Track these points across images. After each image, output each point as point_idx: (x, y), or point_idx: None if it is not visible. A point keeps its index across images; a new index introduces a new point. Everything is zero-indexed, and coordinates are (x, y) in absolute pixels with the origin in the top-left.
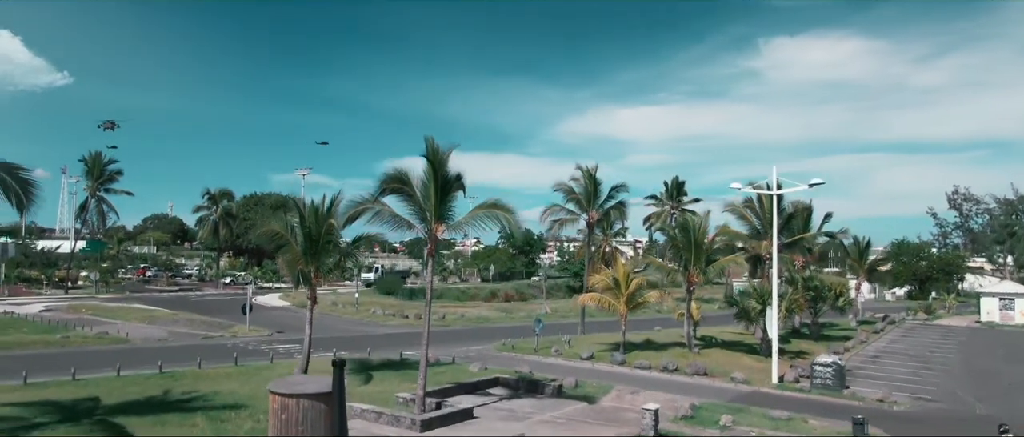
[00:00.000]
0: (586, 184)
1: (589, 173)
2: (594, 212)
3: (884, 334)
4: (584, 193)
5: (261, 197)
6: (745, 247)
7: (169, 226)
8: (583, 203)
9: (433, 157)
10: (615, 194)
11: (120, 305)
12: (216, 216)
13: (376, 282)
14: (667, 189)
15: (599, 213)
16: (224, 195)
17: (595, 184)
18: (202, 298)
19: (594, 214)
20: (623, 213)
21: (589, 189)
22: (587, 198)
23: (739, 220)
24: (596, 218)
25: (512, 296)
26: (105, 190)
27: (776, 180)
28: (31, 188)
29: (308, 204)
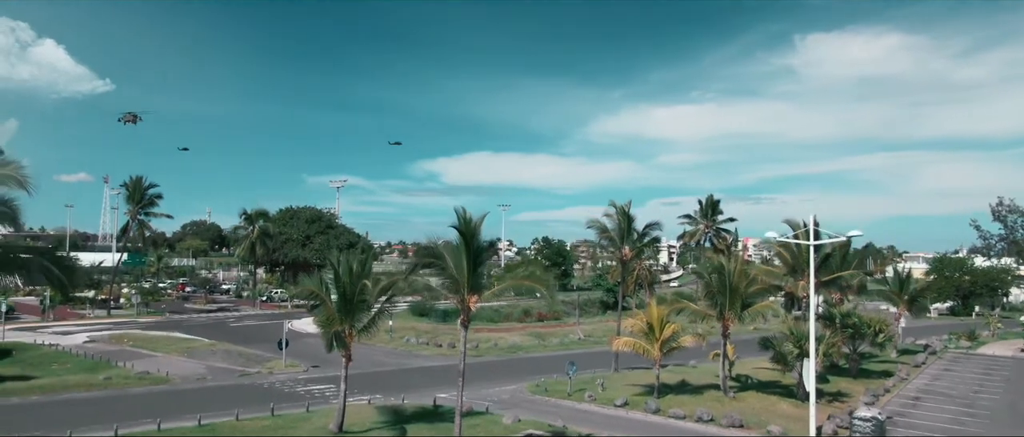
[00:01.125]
0: (619, 221)
1: (623, 211)
2: (627, 249)
3: (925, 367)
4: (617, 230)
5: (296, 211)
6: (780, 285)
7: (207, 233)
8: (616, 240)
9: (465, 228)
10: (649, 231)
11: (160, 334)
12: (253, 236)
13: None
14: (701, 207)
15: (633, 251)
16: (260, 215)
17: (629, 221)
18: (239, 323)
19: (627, 251)
20: (657, 250)
21: (622, 226)
22: (620, 235)
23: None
24: (630, 255)
25: (545, 315)
26: (145, 214)
27: (813, 225)
28: (74, 273)
29: (342, 262)
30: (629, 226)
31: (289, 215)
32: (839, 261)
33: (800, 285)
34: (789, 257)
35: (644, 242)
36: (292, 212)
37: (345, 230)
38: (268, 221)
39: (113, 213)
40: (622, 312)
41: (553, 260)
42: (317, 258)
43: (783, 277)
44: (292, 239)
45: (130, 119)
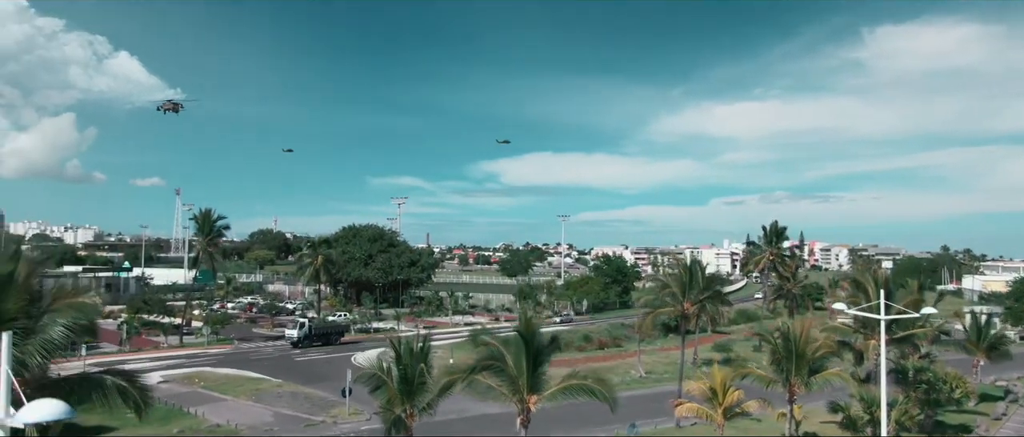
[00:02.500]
0: (681, 275)
1: (685, 265)
2: (689, 303)
3: (1006, 420)
4: (679, 283)
5: (359, 229)
6: (849, 342)
7: (274, 241)
8: (678, 295)
9: (526, 330)
10: (712, 284)
11: (229, 373)
12: (317, 264)
13: (303, 339)
14: (766, 234)
15: (696, 306)
16: (323, 242)
17: (692, 275)
18: (304, 356)
19: (689, 305)
20: (720, 302)
21: (684, 280)
22: (682, 288)
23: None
24: (691, 308)
25: (606, 343)
26: (213, 244)
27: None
28: (148, 394)
29: (403, 343)
30: (691, 280)
31: (352, 234)
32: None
33: (870, 345)
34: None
35: (706, 295)
36: (354, 230)
37: (406, 248)
38: (331, 247)
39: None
40: (682, 379)
41: (613, 277)
42: (379, 277)
43: (852, 334)
44: (355, 258)
45: (170, 107)
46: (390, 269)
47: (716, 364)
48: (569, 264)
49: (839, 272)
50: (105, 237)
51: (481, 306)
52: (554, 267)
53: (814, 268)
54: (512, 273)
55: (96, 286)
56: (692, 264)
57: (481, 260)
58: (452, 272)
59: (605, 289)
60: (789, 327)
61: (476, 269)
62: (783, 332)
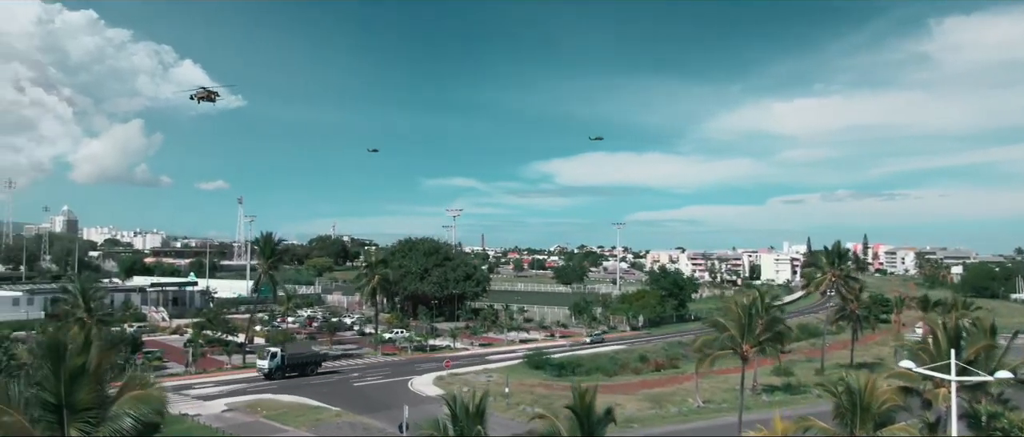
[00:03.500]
0: (740, 316)
1: (744, 306)
2: (748, 346)
3: None
4: (738, 325)
5: (415, 243)
6: (917, 390)
7: (332, 248)
8: (737, 337)
9: (580, 405)
10: (773, 326)
11: (290, 400)
12: (374, 283)
13: (274, 370)
14: (828, 254)
15: (754, 347)
16: (380, 261)
17: (750, 317)
18: (362, 381)
19: (748, 348)
20: (781, 344)
21: (743, 322)
22: (741, 331)
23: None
24: (751, 351)
25: (662, 364)
26: (274, 267)
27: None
28: None
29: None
30: (751, 322)
31: (408, 247)
32: (984, 365)
33: (941, 394)
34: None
35: (767, 337)
36: (410, 244)
37: (462, 262)
38: (387, 265)
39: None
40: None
41: (669, 290)
42: (435, 291)
43: (921, 381)
44: (411, 272)
45: (204, 95)
46: (445, 283)
47: (777, 417)
48: (624, 269)
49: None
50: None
51: (536, 321)
52: (609, 273)
53: (879, 272)
54: (567, 280)
55: (164, 301)
56: (751, 305)
57: (536, 265)
58: (507, 278)
59: (661, 302)
60: (853, 382)
61: (531, 275)
62: (847, 386)
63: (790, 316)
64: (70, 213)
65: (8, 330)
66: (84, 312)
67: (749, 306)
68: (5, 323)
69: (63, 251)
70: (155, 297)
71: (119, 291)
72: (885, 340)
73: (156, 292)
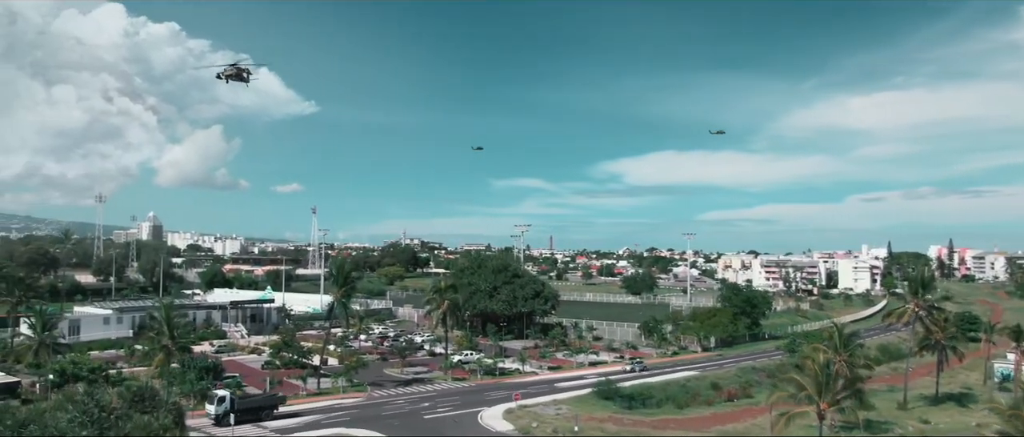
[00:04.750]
0: (817, 374)
1: (820, 364)
2: (826, 404)
3: None
4: (814, 383)
5: (484, 259)
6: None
7: (402, 255)
8: (814, 396)
9: None
10: (853, 384)
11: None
12: (444, 308)
13: (223, 416)
14: (911, 284)
15: (831, 405)
16: (450, 287)
17: (828, 376)
18: (433, 414)
19: (826, 406)
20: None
21: (820, 379)
22: (819, 389)
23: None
24: (829, 410)
25: (735, 393)
26: (347, 295)
27: None
28: None
29: None
30: (828, 381)
31: (477, 264)
32: None
33: None
34: None
35: (845, 395)
36: (480, 260)
37: (530, 279)
38: (457, 290)
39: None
40: None
41: (742, 308)
42: (504, 309)
43: None
44: (480, 290)
45: (232, 73)
46: (514, 301)
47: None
48: (694, 277)
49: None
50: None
51: (605, 340)
52: (680, 280)
53: (965, 278)
54: (636, 290)
55: (242, 318)
56: (829, 363)
57: (605, 271)
58: (575, 287)
59: (733, 321)
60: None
61: (599, 283)
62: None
63: (870, 333)
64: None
65: (99, 348)
66: (168, 339)
67: (826, 364)
68: (96, 341)
69: (150, 263)
70: (235, 315)
71: (201, 308)
72: (974, 364)
73: (236, 310)
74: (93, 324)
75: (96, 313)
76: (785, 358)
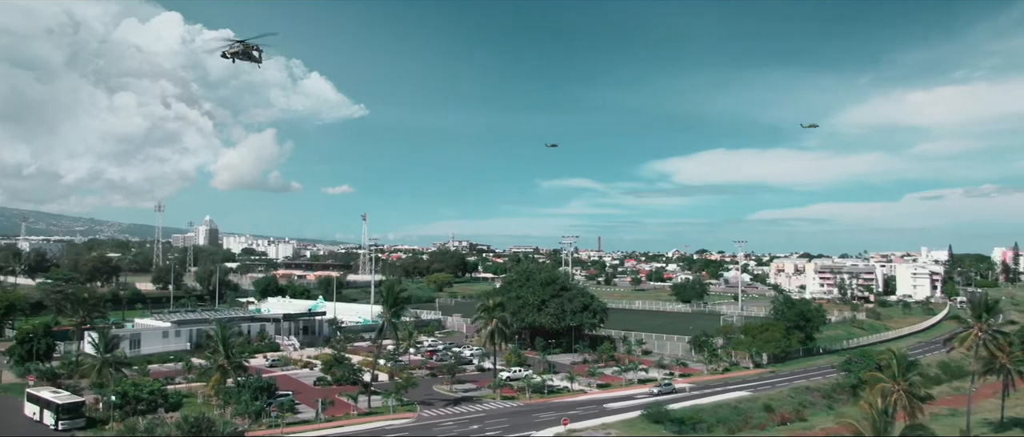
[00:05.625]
0: (875, 419)
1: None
2: None
3: None
4: (871, 428)
5: (532, 272)
6: None
7: (451, 260)
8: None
9: None
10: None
11: None
12: (492, 327)
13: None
14: (973, 309)
15: None
16: (497, 306)
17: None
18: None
19: None
20: None
21: (878, 425)
22: (875, 432)
23: None
24: None
25: (788, 417)
26: (396, 315)
27: None
28: None
29: None
30: (887, 428)
31: (525, 276)
32: None
33: None
34: None
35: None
36: (527, 272)
37: (579, 292)
38: (504, 308)
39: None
40: None
41: (795, 322)
42: (552, 322)
43: None
44: (528, 303)
45: (238, 50)
46: (563, 315)
47: None
48: (746, 282)
49: None
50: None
51: (655, 356)
52: (730, 285)
53: None
54: (686, 298)
55: (295, 330)
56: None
57: (654, 276)
58: (623, 293)
59: (786, 336)
60: None
61: (648, 289)
62: None
63: (930, 347)
64: (212, 222)
65: (158, 361)
66: (224, 358)
67: (884, 410)
68: (156, 354)
69: (206, 271)
70: (288, 327)
71: (256, 321)
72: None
73: (289, 322)
74: (153, 338)
75: (155, 327)
76: (840, 377)
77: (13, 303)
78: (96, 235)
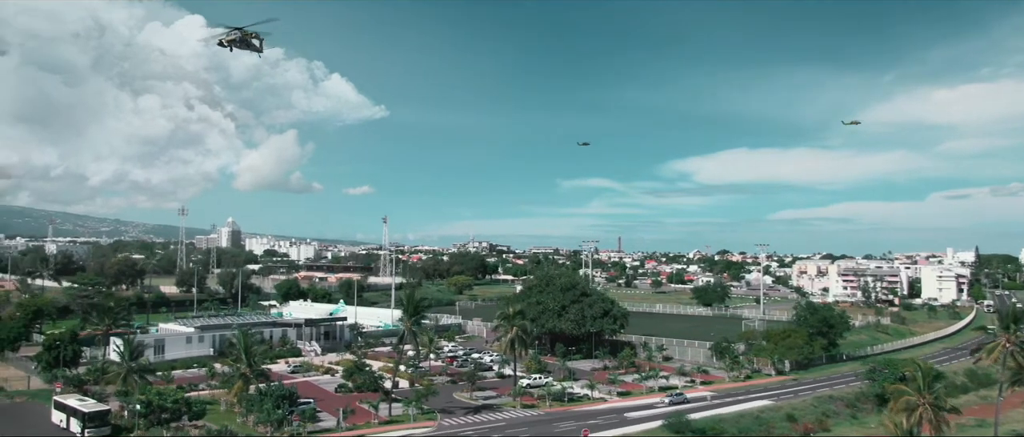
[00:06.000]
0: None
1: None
2: None
3: None
4: None
5: (552, 277)
6: None
7: (470, 262)
8: None
9: None
10: None
11: None
12: (512, 334)
13: None
14: (1001, 319)
15: None
16: (517, 313)
17: None
18: None
19: None
20: None
21: None
22: None
23: None
24: None
25: (811, 428)
26: (417, 324)
27: None
28: None
29: None
30: None
31: (544, 282)
32: None
33: None
34: None
35: None
36: (547, 278)
37: (599, 298)
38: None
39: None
40: None
41: (818, 328)
42: (572, 328)
43: None
44: (548, 309)
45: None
46: (583, 321)
47: None
48: (768, 285)
49: None
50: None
51: (675, 362)
52: (752, 288)
53: None
54: (708, 301)
55: (316, 335)
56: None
57: (674, 278)
58: (644, 295)
59: (809, 342)
60: None
61: (669, 292)
62: None
63: (956, 354)
64: (234, 224)
65: (182, 366)
66: (246, 366)
67: (910, 429)
68: (179, 360)
69: (228, 275)
70: (309, 332)
71: (277, 326)
72: None
73: (310, 327)
74: (176, 343)
75: (179, 332)
76: (864, 386)
77: (41, 308)
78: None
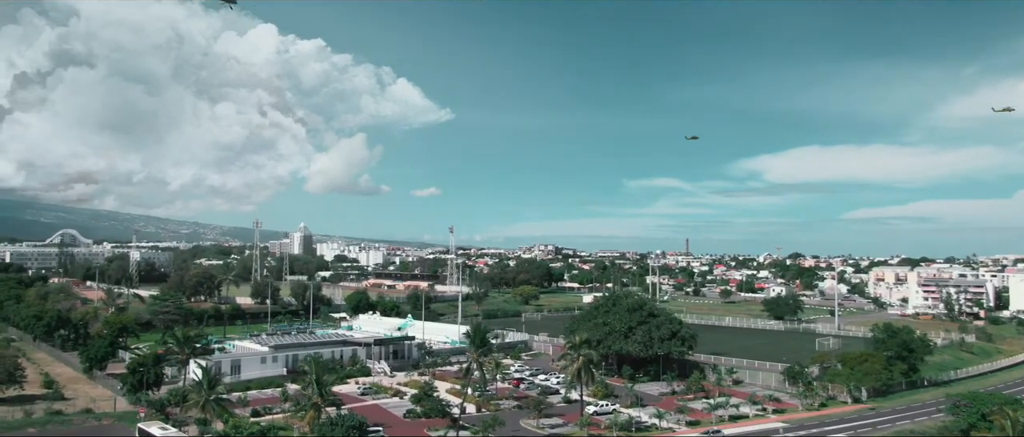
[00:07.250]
0: None
1: None
2: None
3: None
4: None
5: (618, 298)
6: None
7: (537, 270)
8: None
9: None
10: None
11: None
12: (579, 364)
13: None
14: None
15: None
16: (583, 343)
17: None
18: None
19: None
20: None
21: None
22: None
23: None
24: None
25: None
26: (484, 355)
27: None
28: None
29: None
30: None
31: (611, 302)
32: None
33: None
34: None
35: None
36: (614, 298)
37: (667, 319)
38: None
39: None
40: None
41: (898, 353)
42: (639, 350)
43: None
44: (615, 330)
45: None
46: (650, 343)
47: None
48: (843, 295)
49: None
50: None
51: (746, 386)
52: (827, 298)
53: None
54: (779, 314)
55: (385, 354)
56: None
57: (744, 286)
58: (713, 306)
59: (888, 367)
60: None
61: (739, 301)
62: None
63: None
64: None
65: (256, 387)
66: (318, 396)
67: None
68: (255, 380)
69: (301, 288)
70: (378, 351)
71: (348, 345)
72: None
73: (379, 347)
74: (252, 364)
75: (254, 351)
76: (948, 421)
77: (126, 326)
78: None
